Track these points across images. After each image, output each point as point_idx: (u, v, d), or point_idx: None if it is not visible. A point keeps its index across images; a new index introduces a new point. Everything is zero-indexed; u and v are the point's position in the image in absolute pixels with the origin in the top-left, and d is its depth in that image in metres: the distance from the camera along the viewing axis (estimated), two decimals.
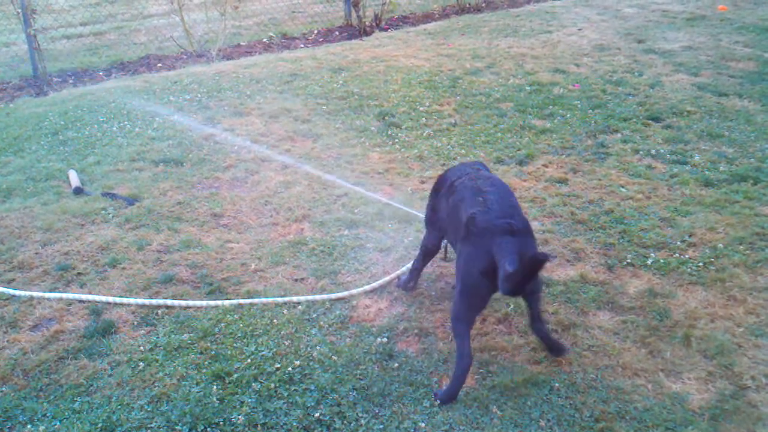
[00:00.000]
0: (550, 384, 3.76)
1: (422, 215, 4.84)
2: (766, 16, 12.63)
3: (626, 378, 3.81)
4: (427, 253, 4.57)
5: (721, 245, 5.08)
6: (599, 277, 4.78)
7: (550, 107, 8.15)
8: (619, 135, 7.28)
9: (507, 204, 3.86)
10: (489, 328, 4.24)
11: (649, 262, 4.91)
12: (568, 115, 7.87)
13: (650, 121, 7.63)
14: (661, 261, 4.91)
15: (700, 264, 4.87)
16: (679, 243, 5.14)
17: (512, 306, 4.41)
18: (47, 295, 4.63)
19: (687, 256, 4.97)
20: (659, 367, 3.88)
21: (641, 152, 6.75)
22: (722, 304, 4.43)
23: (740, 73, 9.28)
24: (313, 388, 3.77)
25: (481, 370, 3.88)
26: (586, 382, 3.79)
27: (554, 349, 3.99)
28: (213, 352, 4.06)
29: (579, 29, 12.15)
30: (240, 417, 3.56)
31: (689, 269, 4.79)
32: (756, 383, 3.75)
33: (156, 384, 3.82)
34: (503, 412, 3.59)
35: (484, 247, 3.63)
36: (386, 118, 7.94)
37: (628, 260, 4.92)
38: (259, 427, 3.51)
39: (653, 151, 6.76)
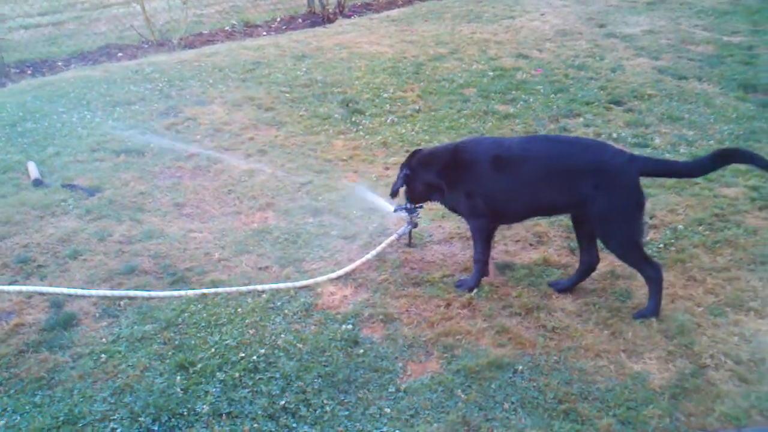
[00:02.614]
0: (514, 367, 3.79)
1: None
2: (724, 0, 12.78)
3: (589, 359, 3.85)
4: (489, 238, 4.60)
5: (681, 226, 5.15)
6: (562, 260, 4.82)
7: (513, 92, 8.18)
8: (581, 119, 7.34)
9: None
10: (453, 312, 4.26)
11: None
12: (531, 100, 7.91)
13: (612, 105, 7.70)
14: None
15: (661, 245, 4.93)
16: None
17: (476, 291, 4.43)
18: (6, 288, 4.55)
19: (648, 237, 5.03)
20: (621, 348, 3.93)
21: (603, 136, 6.81)
22: (682, 284, 4.50)
23: (699, 57, 9.39)
24: (278, 376, 3.75)
25: (445, 355, 3.89)
26: (550, 364, 3.82)
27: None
28: (176, 343, 4.03)
29: (542, 14, 12.20)
30: (204, 407, 3.54)
31: (650, 250, 4.84)
32: (715, 362, 3.80)
33: (119, 375, 3.78)
34: (468, 395, 3.61)
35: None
36: (350, 105, 7.92)
37: None
38: (224, 417, 3.49)
39: (615, 135, 6.82)
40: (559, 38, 10.60)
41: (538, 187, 4.22)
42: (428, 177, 4.58)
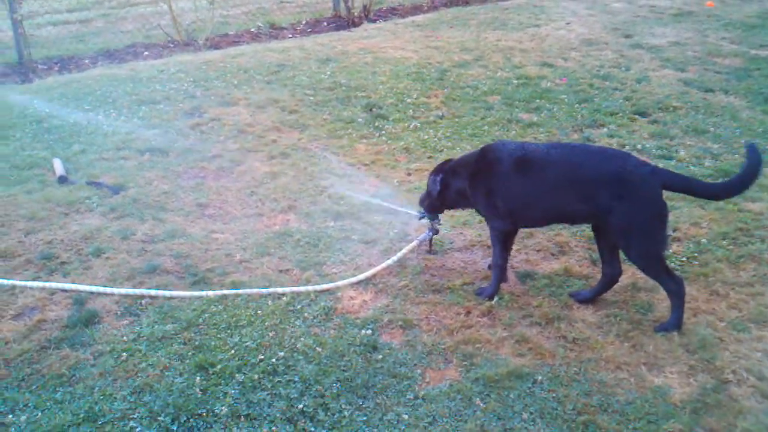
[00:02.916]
0: (534, 377, 3.78)
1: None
2: (752, 12, 12.69)
3: (609, 371, 3.83)
4: (508, 241, 4.60)
5: (704, 240, 5.11)
6: (583, 270, 4.79)
7: (537, 101, 8.16)
8: (605, 129, 7.30)
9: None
10: (473, 320, 4.25)
11: None
12: (555, 109, 7.88)
13: (636, 116, 7.65)
14: None
15: (684, 259, 4.89)
16: None
17: (496, 299, 4.42)
18: (30, 284, 4.60)
19: (671, 250, 4.99)
20: (642, 361, 3.90)
21: (627, 147, 6.77)
22: (705, 298, 4.46)
23: (726, 69, 9.32)
24: (296, 379, 3.76)
25: (464, 363, 3.88)
26: (569, 375, 3.80)
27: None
28: (196, 343, 4.04)
29: (567, 23, 12.16)
30: (223, 408, 3.55)
31: (673, 264, 4.80)
32: (737, 377, 3.77)
33: (139, 374, 3.80)
34: (486, 404, 3.59)
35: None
36: (373, 109, 7.93)
37: None
38: (243, 419, 3.50)
39: (639, 146, 6.78)
40: (585, 48, 10.56)
41: (558, 193, 4.22)
42: (457, 183, 4.60)
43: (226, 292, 4.52)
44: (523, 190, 4.29)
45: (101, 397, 3.63)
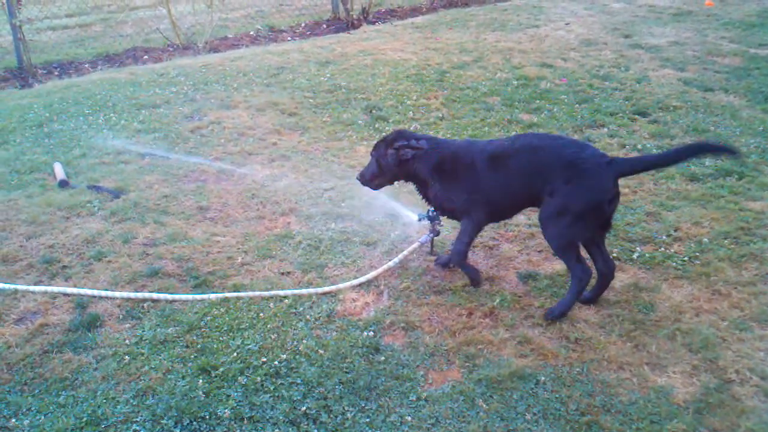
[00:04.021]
0: (536, 377, 3.77)
1: None
2: (751, 12, 12.70)
3: (612, 371, 3.83)
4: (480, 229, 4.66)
5: (706, 240, 5.11)
6: None
7: (537, 101, 8.16)
8: (605, 129, 7.31)
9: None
10: (475, 321, 4.24)
11: (634, 256, 4.93)
12: (555, 110, 7.88)
13: (636, 116, 7.66)
14: (647, 255, 4.93)
15: (686, 258, 4.89)
16: (664, 237, 5.16)
17: (498, 300, 4.42)
18: (32, 288, 4.59)
19: (672, 250, 4.99)
20: (644, 361, 3.90)
21: (627, 147, 6.77)
22: (707, 298, 4.46)
23: (726, 69, 9.32)
24: (299, 381, 3.76)
25: (467, 364, 3.88)
26: (572, 375, 3.80)
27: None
28: (199, 346, 4.04)
29: (566, 24, 12.17)
30: (226, 411, 3.55)
31: (675, 263, 4.81)
32: (740, 377, 3.76)
33: (141, 378, 3.80)
34: (489, 405, 3.59)
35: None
36: (373, 111, 7.93)
37: (614, 254, 4.94)
38: (246, 421, 3.50)
39: (639, 146, 6.78)
40: (584, 48, 10.56)
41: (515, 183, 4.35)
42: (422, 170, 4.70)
43: (227, 294, 4.52)
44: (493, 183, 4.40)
45: (104, 401, 3.63)
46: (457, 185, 4.47)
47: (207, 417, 3.52)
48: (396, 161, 4.61)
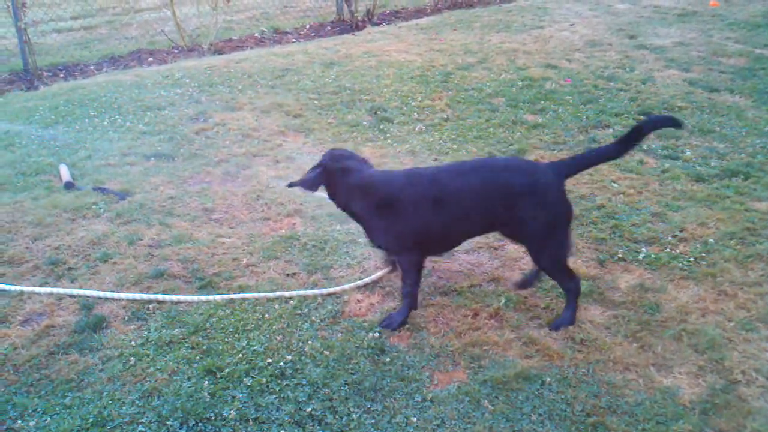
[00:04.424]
0: (542, 378, 3.77)
1: None
2: (757, 12, 12.68)
3: (617, 372, 3.82)
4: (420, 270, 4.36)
5: (712, 240, 5.10)
6: (591, 271, 4.78)
7: (542, 102, 8.16)
8: (610, 130, 7.30)
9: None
10: (481, 322, 4.24)
11: (640, 257, 4.92)
12: (560, 110, 7.88)
13: (642, 117, 7.64)
14: (653, 256, 4.92)
15: (691, 259, 4.88)
16: (670, 238, 5.15)
17: (504, 301, 4.42)
18: (38, 289, 4.60)
19: (678, 251, 4.98)
20: (650, 362, 3.89)
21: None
22: (713, 298, 4.45)
23: (731, 69, 9.31)
24: (304, 382, 3.76)
25: (472, 365, 3.88)
26: (578, 376, 3.79)
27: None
28: (204, 347, 4.04)
29: (571, 25, 12.16)
30: (231, 412, 3.55)
31: (680, 264, 4.80)
32: (746, 377, 3.76)
33: (147, 379, 3.81)
34: (494, 406, 3.59)
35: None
36: (378, 112, 7.93)
37: (620, 255, 4.93)
38: (251, 422, 3.50)
39: (645, 147, 6.77)
40: (589, 49, 10.56)
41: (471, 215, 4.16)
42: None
43: (233, 296, 4.52)
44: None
45: (110, 402, 3.64)
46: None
47: (212, 418, 3.52)
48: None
